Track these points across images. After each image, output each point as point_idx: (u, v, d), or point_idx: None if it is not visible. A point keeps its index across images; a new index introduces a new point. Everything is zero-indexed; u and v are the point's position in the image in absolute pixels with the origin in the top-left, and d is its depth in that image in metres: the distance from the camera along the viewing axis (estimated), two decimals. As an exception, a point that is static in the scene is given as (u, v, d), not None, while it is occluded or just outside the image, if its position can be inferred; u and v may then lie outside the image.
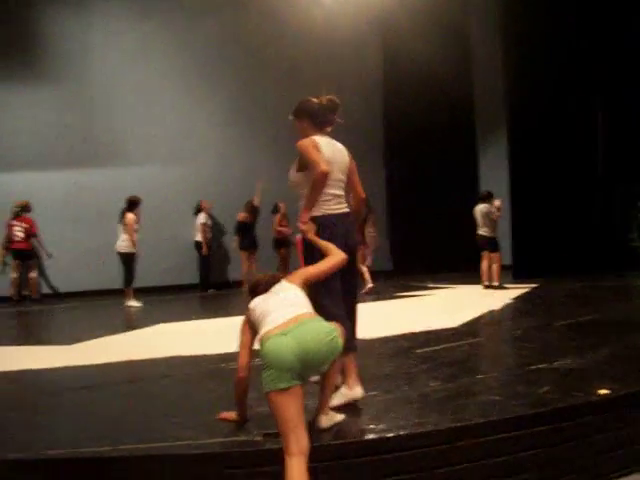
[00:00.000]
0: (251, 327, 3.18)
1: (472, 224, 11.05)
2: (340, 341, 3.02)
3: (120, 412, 3.95)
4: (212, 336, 7.04)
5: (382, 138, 15.97)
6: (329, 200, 3.75)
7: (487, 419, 3.21)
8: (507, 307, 8.27)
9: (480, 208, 10.89)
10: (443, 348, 5.30)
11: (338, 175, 3.83)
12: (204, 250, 13.77)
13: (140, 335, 7.51)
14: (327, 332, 2.97)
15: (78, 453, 3.05)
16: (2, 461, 3.02)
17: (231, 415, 3.33)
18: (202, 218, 13.80)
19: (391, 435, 3.06)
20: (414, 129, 14.76)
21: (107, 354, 5.94)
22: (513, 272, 12.21)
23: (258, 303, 3.19)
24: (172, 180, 14.20)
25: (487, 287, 10.75)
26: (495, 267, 10.79)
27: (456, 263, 14.13)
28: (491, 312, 7.78)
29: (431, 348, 5.33)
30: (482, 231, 10.88)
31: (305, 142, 3.78)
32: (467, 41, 15.47)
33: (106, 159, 13.92)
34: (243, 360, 3.18)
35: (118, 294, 11.82)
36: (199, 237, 13.81)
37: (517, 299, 9.07)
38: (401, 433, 3.07)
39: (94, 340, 7.01)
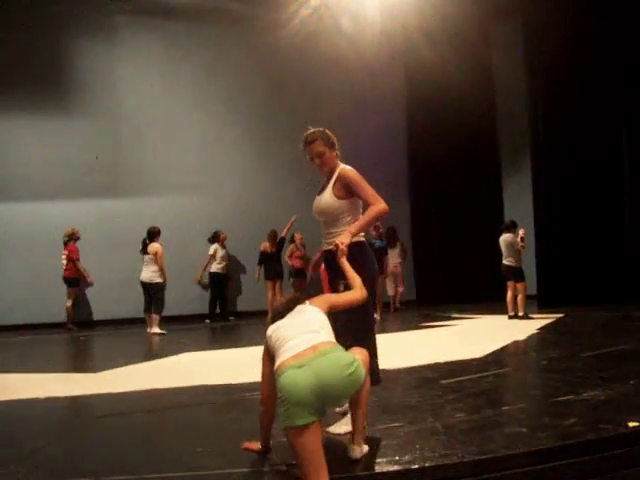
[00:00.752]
0: (270, 356, 3.07)
1: (496, 254, 11.00)
2: (362, 373, 2.87)
3: (144, 441, 3.96)
4: (236, 365, 7.04)
5: (406, 168, 16.00)
6: None
7: (513, 451, 3.17)
8: (532, 337, 8.19)
9: (504, 238, 10.85)
10: (468, 379, 5.25)
11: None
12: (197, 277, 14.11)
13: (164, 364, 7.53)
14: (347, 364, 2.80)
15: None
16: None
17: (255, 445, 3.31)
18: (211, 249, 13.95)
19: (416, 467, 3.03)
20: (438, 159, 14.79)
21: (132, 382, 5.97)
22: (538, 302, 12.11)
23: (275, 330, 3.09)
24: (195, 209, 14.35)
25: (512, 317, 10.66)
26: (520, 297, 10.71)
27: (480, 293, 14.05)
28: (516, 342, 7.72)
29: (456, 379, 5.28)
30: (507, 261, 10.82)
31: (354, 172, 3.94)
32: (490, 69, 15.54)
33: (133, 189, 14.12)
34: (264, 392, 3.13)
35: (140, 322, 11.97)
36: (214, 268, 13.95)
37: (543, 329, 8.99)
38: (426, 465, 3.04)
39: (119, 368, 7.04)
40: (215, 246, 13.95)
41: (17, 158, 13.52)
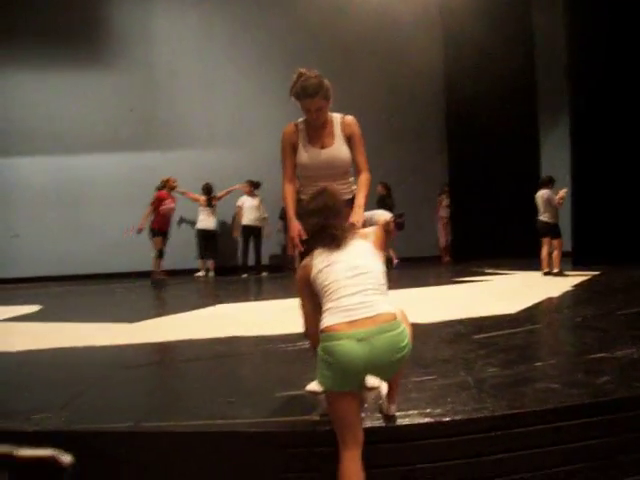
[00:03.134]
0: (311, 290, 2.83)
1: (532, 211, 10.89)
2: (409, 350, 2.76)
3: (179, 390, 4.06)
4: (270, 317, 7.12)
5: (443, 124, 15.78)
6: None
7: (545, 407, 3.18)
8: (566, 294, 8.14)
9: (541, 194, 10.71)
10: (501, 334, 5.25)
11: None
12: (234, 233, 13.97)
13: (199, 315, 7.65)
14: (401, 347, 2.69)
15: (140, 427, 3.14)
16: (64, 432, 3.14)
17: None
18: (239, 201, 13.85)
19: (447, 420, 3.07)
20: (475, 113, 14.56)
21: (167, 333, 6.09)
22: (573, 259, 11.99)
23: (324, 269, 2.79)
24: (229, 162, 14.36)
25: (547, 274, 10.58)
26: (556, 254, 10.61)
27: (515, 249, 13.95)
28: (550, 299, 7.67)
29: (489, 334, 5.29)
30: (543, 217, 10.70)
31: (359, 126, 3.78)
32: (529, 22, 15.16)
33: (167, 141, 14.17)
34: (311, 330, 2.88)
35: (173, 274, 12.25)
36: (244, 220, 13.78)
37: (577, 287, 8.92)
38: (457, 418, 3.07)
39: (155, 319, 7.18)
40: (243, 198, 13.85)
41: (52, 112, 13.64)
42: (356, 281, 2.75)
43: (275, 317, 7.05)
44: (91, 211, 13.52)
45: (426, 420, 3.08)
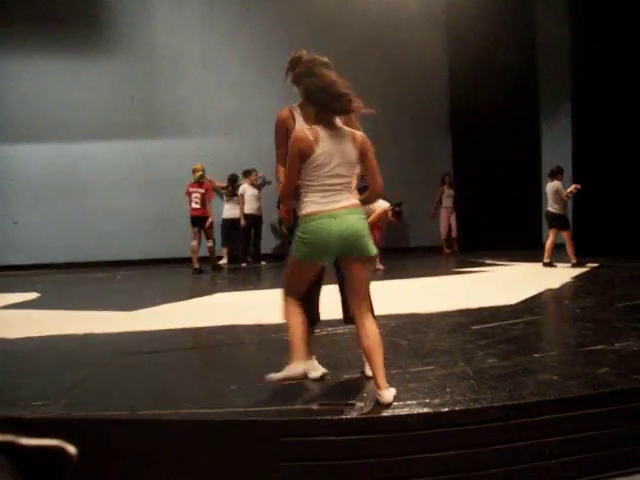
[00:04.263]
0: (301, 152, 3.25)
1: (533, 201, 10.87)
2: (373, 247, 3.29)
3: (179, 377, 4.06)
4: (268, 306, 7.11)
5: (447, 115, 15.71)
6: None
7: (544, 398, 3.18)
8: (566, 286, 8.14)
9: (550, 185, 10.70)
10: (500, 325, 5.25)
11: None
12: (241, 223, 13.62)
13: (199, 303, 7.66)
14: (364, 228, 3.28)
15: (138, 415, 3.14)
16: (64, 419, 3.13)
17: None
18: (240, 189, 13.64)
19: (446, 410, 3.06)
20: (478, 105, 14.48)
21: (167, 321, 6.09)
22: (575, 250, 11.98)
23: (322, 152, 3.24)
24: (231, 149, 14.28)
25: (547, 265, 10.58)
26: (568, 245, 10.60)
27: (517, 241, 13.95)
28: (550, 290, 7.67)
29: (488, 325, 5.29)
30: (552, 208, 10.67)
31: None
32: (532, 13, 15.09)
33: (169, 129, 14.11)
34: (292, 181, 3.36)
35: (174, 262, 12.21)
36: (246, 209, 13.56)
37: (577, 278, 8.91)
38: (456, 408, 3.07)
39: (155, 307, 7.18)
40: (244, 186, 13.76)
41: (52, 99, 13.59)
42: (340, 180, 3.29)
43: (273, 306, 7.03)
44: (91, 199, 13.50)
45: (425, 410, 3.08)
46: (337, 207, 3.24)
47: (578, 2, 12.07)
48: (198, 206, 12.01)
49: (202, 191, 12.07)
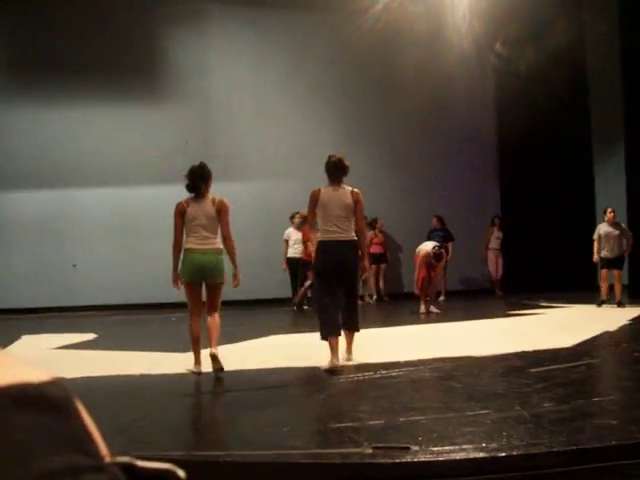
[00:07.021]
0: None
1: (587, 241, 10.75)
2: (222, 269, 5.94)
3: (232, 419, 4.08)
4: (320, 349, 7.11)
5: (495, 151, 15.66)
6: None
7: (604, 444, 3.10)
8: (624, 328, 7.94)
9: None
10: (557, 368, 5.15)
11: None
12: (282, 267, 13.42)
13: (252, 345, 7.70)
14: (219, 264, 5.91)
15: (194, 456, 3.17)
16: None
17: None
18: (285, 234, 13.50)
19: (503, 455, 3.01)
20: (528, 145, 14.40)
21: (222, 362, 6.12)
22: (629, 291, 11.71)
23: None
24: (282, 195, 14.43)
25: (601, 304, 10.44)
26: (617, 285, 10.43)
27: (570, 281, 13.69)
28: (607, 333, 7.49)
29: (545, 368, 5.19)
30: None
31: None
32: (583, 50, 15.04)
33: (222, 174, 14.33)
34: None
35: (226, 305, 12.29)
36: (290, 253, 13.38)
37: (635, 320, 8.69)
38: (514, 453, 3.02)
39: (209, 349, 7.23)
40: (289, 230, 13.75)
41: (108, 145, 13.99)
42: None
43: (323, 350, 7.03)
44: (146, 242, 13.74)
45: (481, 455, 3.03)
46: None
47: (630, 39, 11.99)
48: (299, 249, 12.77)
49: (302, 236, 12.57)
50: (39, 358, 6.63)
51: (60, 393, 0.38)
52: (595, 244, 10.72)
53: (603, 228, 10.67)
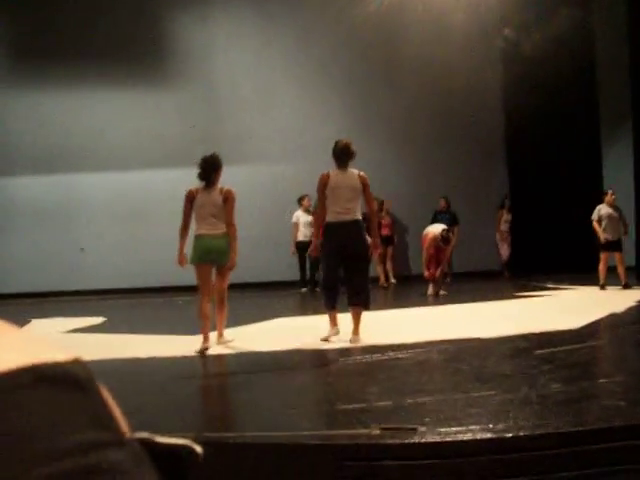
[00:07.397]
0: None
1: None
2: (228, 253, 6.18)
3: (240, 401, 4.11)
4: (326, 331, 7.13)
5: (502, 137, 15.58)
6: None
7: (610, 424, 3.12)
8: (631, 310, 7.94)
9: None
10: (564, 350, 5.16)
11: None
12: (291, 250, 13.57)
13: (259, 328, 7.73)
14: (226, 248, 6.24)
15: (202, 437, 3.20)
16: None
17: None
18: (294, 217, 13.60)
19: (510, 435, 3.03)
20: (536, 126, 14.34)
21: (228, 345, 6.17)
22: (637, 273, 11.69)
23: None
24: (290, 177, 14.43)
25: (602, 287, 10.46)
26: (620, 268, 10.41)
27: (577, 263, 13.67)
28: (613, 315, 7.49)
29: (551, 349, 5.20)
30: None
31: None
32: (591, 32, 14.90)
33: (229, 157, 14.29)
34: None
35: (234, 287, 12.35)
36: (300, 236, 13.47)
37: (642, 302, 8.68)
38: (520, 434, 3.04)
39: (215, 332, 7.27)
40: (297, 213, 13.76)
41: (115, 129, 14.01)
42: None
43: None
44: (153, 225, 13.77)
45: (488, 435, 3.05)
46: None
47: (638, 22, 11.88)
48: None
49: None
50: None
51: (83, 372, 0.40)
52: (595, 224, 10.70)
53: (603, 209, 10.65)
